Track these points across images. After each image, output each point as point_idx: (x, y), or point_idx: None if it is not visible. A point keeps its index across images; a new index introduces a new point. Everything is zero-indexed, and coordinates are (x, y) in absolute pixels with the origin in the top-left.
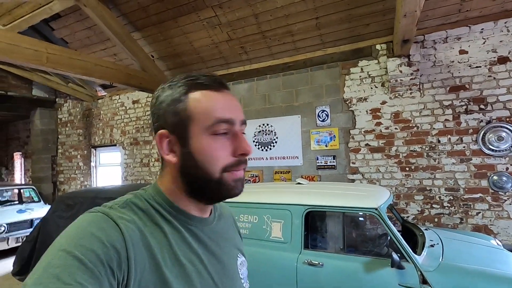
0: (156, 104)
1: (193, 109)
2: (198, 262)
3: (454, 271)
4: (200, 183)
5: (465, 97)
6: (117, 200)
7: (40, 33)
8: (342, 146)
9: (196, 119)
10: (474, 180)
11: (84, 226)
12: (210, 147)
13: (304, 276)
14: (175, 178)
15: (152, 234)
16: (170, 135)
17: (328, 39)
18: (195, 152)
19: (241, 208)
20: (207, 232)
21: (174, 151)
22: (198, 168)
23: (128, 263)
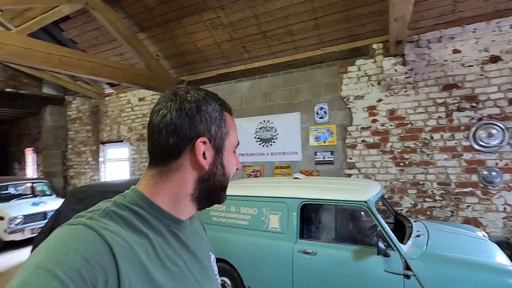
0: (198, 111)
1: (228, 127)
2: (183, 264)
3: (435, 259)
4: (217, 189)
5: (458, 95)
6: (94, 208)
7: (50, 34)
8: (340, 142)
9: (230, 136)
10: (465, 175)
11: (66, 241)
12: (232, 160)
13: (299, 264)
14: (186, 184)
15: (137, 242)
16: (208, 143)
17: (326, 39)
18: (225, 162)
19: (242, 201)
20: (187, 233)
21: (206, 158)
22: (224, 175)
23: (119, 278)
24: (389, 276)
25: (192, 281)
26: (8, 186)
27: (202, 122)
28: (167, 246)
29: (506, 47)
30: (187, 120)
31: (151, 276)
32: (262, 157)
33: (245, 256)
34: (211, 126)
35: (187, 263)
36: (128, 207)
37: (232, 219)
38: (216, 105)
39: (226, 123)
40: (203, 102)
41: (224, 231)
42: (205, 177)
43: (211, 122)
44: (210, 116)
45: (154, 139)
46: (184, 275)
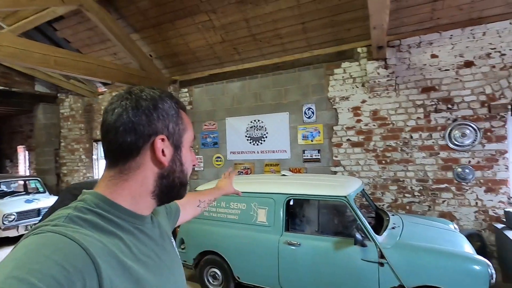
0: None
1: (186, 123)
2: (154, 256)
3: (407, 248)
4: (176, 185)
5: (435, 97)
6: (54, 217)
7: (43, 33)
8: (326, 141)
9: (187, 133)
10: (441, 172)
11: (34, 250)
12: (189, 156)
13: (285, 254)
14: (146, 182)
15: (110, 242)
16: (167, 140)
17: (313, 42)
18: (183, 158)
19: (231, 197)
20: (150, 227)
21: (165, 155)
22: (181, 172)
23: (99, 278)
24: (366, 264)
25: (165, 269)
26: (1, 183)
27: (160, 119)
28: (137, 241)
29: (479, 53)
30: (145, 118)
31: (129, 270)
32: (252, 155)
33: (235, 248)
34: (169, 124)
35: (157, 254)
36: (90, 210)
37: (223, 214)
38: (172, 103)
39: (182, 120)
40: (159, 100)
41: (214, 225)
42: (165, 174)
43: (168, 119)
44: (167, 113)
45: (110, 138)
46: (158, 266)
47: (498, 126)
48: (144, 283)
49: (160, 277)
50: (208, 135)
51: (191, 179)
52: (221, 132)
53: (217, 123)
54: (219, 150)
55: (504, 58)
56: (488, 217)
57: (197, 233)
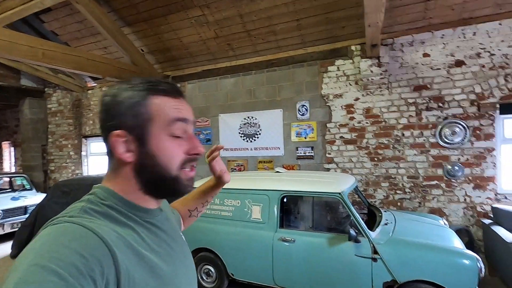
0: (112, 103)
1: (153, 111)
2: (166, 246)
3: (399, 243)
4: (157, 181)
5: (427, 95)
6: (69, 210)
7: (30, 25)
8: (320, 138)
9: (156, 120)
10: (431, 169)
11: (53, 239)
12: (168, 146)
13: (279, 251)
14: (129, 177)
15: (124, 232)
16: (128, 135)
17: (308, 39)
18: (155, 150)
19: (226, 194)
20: (160, 219)
21: (131, 151)
22: (156, 166)
23: (116, 266)
24: (359, 260)
25: (176, 259)
26: None
27: (117, 113)
28: (149, 233)
29: (469, 52)
30: (104, 115)
31: (144, 259)
32: (246, 152)
33: (229, 245)
34: (126, 116)
35: (169, 245)
36: (103, 203)
37: (217, 211)
38: (139, 92)
39: (148, 108)
40: (120, 92)
41: (208, 222)
42: (138, 169)
43: (125, 111)
44: (124, 104)
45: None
46: (170, 255)
47: (486, 125)
48: (158, 271)
49: (173, 266)
50: (201, 132)
51: None
52: (214, 128)
53: (210, 120)
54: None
55: (493, 58)
56: (476, 213)
57: (190, 230)
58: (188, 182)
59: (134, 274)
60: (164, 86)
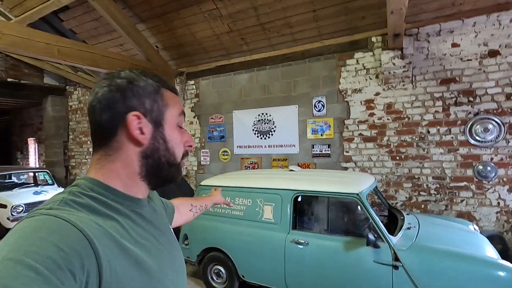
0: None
1: (168, 100)
2: (152, 238)
3: (424, 250)
4: (163, 165)
5: (455, 89)
6: (49, 201)
7: (50, 24)
8: (337, 136)
9: (171, 109)
10: (460, 169)
11: (30, 232)
12: (177, 134)
13: (291, 253)
14: (130, 163)
15: (107, 224)
16: (144, 118)
17: (325, 31)
18: (168, 136)
19: (237, 192)
20: (148, 210)
21: (144, 133)
22: (166, 150)
23: (97, 260)
24: (378, 267)
25: (164, 252)
26: (11, 175)
27: (135, 96)
28: (134, 224)
29: (505, 41)
30: (119, 95)
31: (128, 251)
32: (260, 149)
33: (239, 245)
34: (145, 100)
35: (156, 237)
36: (85, 194)
37: (227, 210)
38: (152, 82)
39: (163, 97)
40: (135, 78)
41: (219, 221)
42: (148, 153)
43: (144, 96)
44: (144, 90)
45: (91, 119)
46: (156, 248)
47: None
48: (143, 264)
49: (160, 260)
50: (215, 129)
51: (198, 173)
52: (228, 125)
53: (224, 116)
54: (226, 144)
55: None
56: (511, 218)
57: (201, 229)
58: (182, 171)
59: (117, 267)
60: (168, 84)
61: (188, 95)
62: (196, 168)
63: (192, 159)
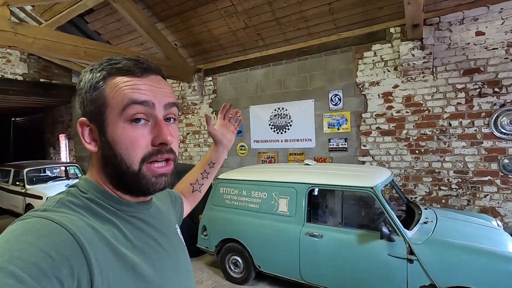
0: (78, 89)
1: (108, 94)
2: (153, 242)
3: (440, 244)
4: (120, 174)
5: (479, 80)
6: (46, 202)
7: (76, 26)
8: (354, 129)
9: (111, 105)
10: (484, 163)
11: (18, 236)
12: (126, 135)
13: (306, 245)
14: (99, 169)
15: (103, 227)
16: (90, 123)
17: (341, 24)
18: (112, 140)
19: (252, 186)
20: (150, 212)
21: (95, 140)
22: (116, 157)
23: (88, 266)
24: (393, 260)
25: (165, 255)
26: (45, 169)
27: (81, 100)
28: (133, 228)
29: None
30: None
31: (123, 257)
32: (276, 144)
33: (255, 237)
34: (84, 101)
35: (157, 240)
36: (84, 196)
37: (244, 202)
38: (96, 74)
39: (103, 90)
40: (83, 76)
41: (236, 213)
42: (103, 161)
43: (86, 96)
44: (85, 90)
45: None
46: (157, 252)
47: None
48: (140, 270)
49: (160, 264)
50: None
51: None
52: (245, 120)
53: (241, 112)
54: (243, 139)
55: None
56: None
57: (219, 220)
58: (156, 179)
59: (109, 273)
60: (124, 64)
61: (206, 91)
62: None
63: None
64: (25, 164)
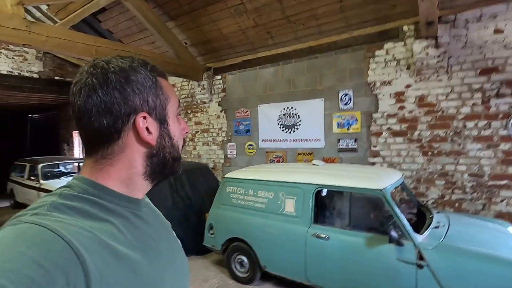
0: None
1: (167, 91)
2: (151, 241)
3: (451, 251)
4: (169, 162)
5: (497, 79)
6: (37, 204)
7: (90, 26)
8: (364, 130)
9: (171, 101)
10: (500, 166)
11: (8, 244)
12: (177, 127)
13: (312, 247)
14: (135, 163)
15: (101, 229)
16: (149, 116)
17: (353, 22)
18: (171, 131)
19: (259, 185)
20: (147, 212)
21: (151, 133)
22: (172, 146)
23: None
24: (401, 265)
25: (162, 254)
26: (59, 164)
27: (136, 94)
28: (132, 227)
29: None
30: (118, 95)
31: (123, 258)
32: (285, 143)
33: (261, 237)
34: (148, 97)
35: (155, 239)
36: (78, 197)
37: (250, 202)
38: (147, 72)
39: (162, 89)
40: (130, 71)
41: (242, 213)
42: (154, 152)
43: (146, 92)
44: (143, 85)
45: (85, 124)
46: (156, 250)
47: None
48: (140, 269)
49: (158, 263)
50: (241, 123)
51: (225, 166)
52: (253, 119)
53: (250, 110)
54: (251, 138)
55: None
56: None
57: (225, 219)
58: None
59: (109, 277)
60: (158, 68)
61: (215, 90)
62: (222, 161)
63: (219, 152)
64: (40, 160)
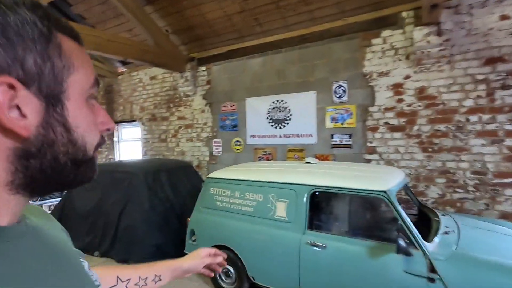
0: None
1: (72, 59)
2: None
3: (468, 262)
4: (64, 167)
5: (503, 70)
6: None
7: (59, 9)
8: (359, 124)
9: (77, 74)
10: (506, 163)
11: None
12: (91, 118)
13: (307, 257)
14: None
15: None
16: (23, 87)
17: (347, 7)
18: (72, 120)
19: (247, 186)
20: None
21: (24, 116)
22: (72, 142)
23: None
24: (410, 278)
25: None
26: None
27: (2, 44)
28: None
29: None
30: None
31: None
32: (274, 139)
33: (249, 245)
34: (24, 55)
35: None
36: None
37: (237, 205)
38: (32, 16)
39: (62, 52)
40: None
41: (227, 217)
42: (33, 150)
43: (21, 46)
44: (18, 34)
45: None
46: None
47: None
48: None
49: None
50: (227, 117)
51: (210, 164)
52: (240, 113)
53: (237, 104)
54: (239, 134)
55: None
56: None
57: (209, 224)
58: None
59: None
60: (66, 24)
61: (200, 82)
62: (207, 159)
63: (204, 149)
64: None
